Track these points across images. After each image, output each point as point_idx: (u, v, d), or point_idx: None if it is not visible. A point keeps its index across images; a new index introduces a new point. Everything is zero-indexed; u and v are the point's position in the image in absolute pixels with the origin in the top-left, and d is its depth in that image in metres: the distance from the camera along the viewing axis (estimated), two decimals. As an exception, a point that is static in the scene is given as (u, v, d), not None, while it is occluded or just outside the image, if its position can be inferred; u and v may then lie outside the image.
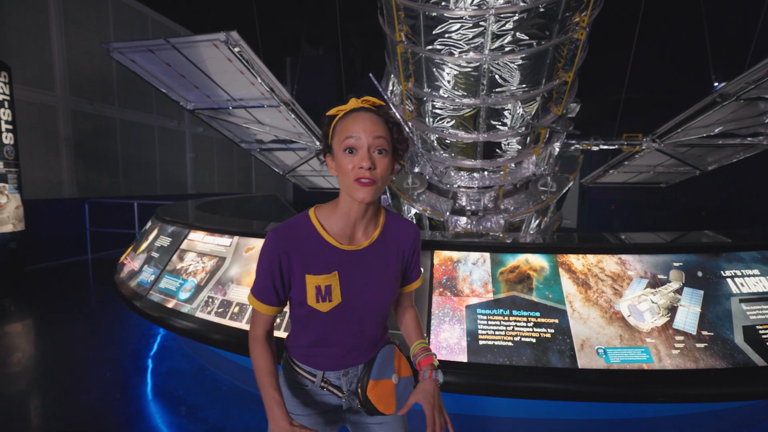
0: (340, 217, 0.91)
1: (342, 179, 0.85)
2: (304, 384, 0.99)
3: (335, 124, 0.88)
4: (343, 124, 0.85)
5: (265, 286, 0.92)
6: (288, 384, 1.01)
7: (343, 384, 0.98)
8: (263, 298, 0.93)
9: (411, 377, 1.04)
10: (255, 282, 0.94)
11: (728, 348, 1.58)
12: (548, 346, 1.63)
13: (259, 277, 0.93)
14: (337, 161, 0.85)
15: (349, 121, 0.85)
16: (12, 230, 4.98)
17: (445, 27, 2.75)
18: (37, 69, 6.35)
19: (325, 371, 0.97)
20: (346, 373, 0.98)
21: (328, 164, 0.92)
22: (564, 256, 1.87)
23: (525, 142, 3.71)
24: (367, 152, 0.82)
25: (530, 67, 2.96)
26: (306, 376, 0.98)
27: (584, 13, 2.79)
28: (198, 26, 9.15)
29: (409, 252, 1.00)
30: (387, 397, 0.95)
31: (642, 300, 1.71)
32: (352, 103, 0.88)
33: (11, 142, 4.99)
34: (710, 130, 4.58)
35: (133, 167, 8.35)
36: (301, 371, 0.99)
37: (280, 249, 0.89)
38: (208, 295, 2.22)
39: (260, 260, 0.92)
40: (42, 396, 2.54)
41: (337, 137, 0.85)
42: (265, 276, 0.91)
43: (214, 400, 2.42)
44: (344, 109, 0.88)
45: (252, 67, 3.72)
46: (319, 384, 0.97)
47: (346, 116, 0.86)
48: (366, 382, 0.94)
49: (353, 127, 0.83)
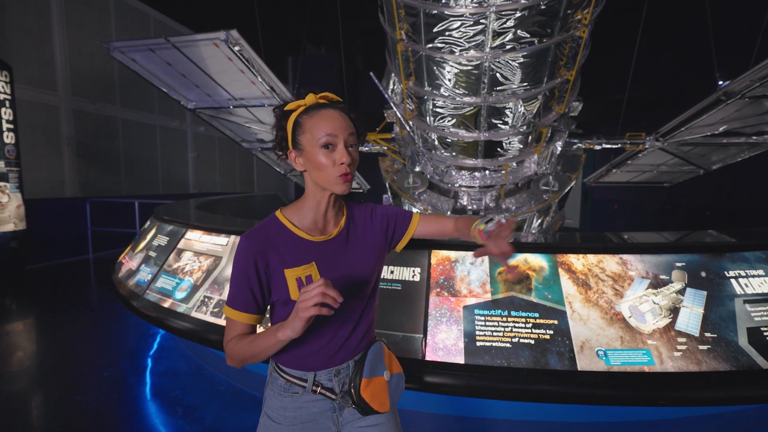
0: (309, 211, 0.95)
1: (318, 174, 0.88)
2: (294, 392, 0.95)
3: (297, 119, 0.89)
4: (313, 121, 0.87)
5: (241, 292, 0.89)
6: (277, 395, 0.96)
7: (336, 385, 0.95)
8: (240, 306, 0.89)
9: (402, 374, 1.04)
10: (229, 292, 0.90)
11: (732, 350, 1.54)
12: (547, 347, 1.60)
13: (233, 286, 0.89)
14: (312, 157, 0.87)
15: (322, 119, 0.87)
16: (13, 229, 5.00)
17: (445, 25, 2.73)
18: (39, 69, 6.37)
19: (317, 372, 0.94)
20: (337, 373, 0.95)
21: (291, 159, 0.92)
22: (564, 256, 1.84)
23: (527, 141, 3.68)
24: (344, 149, 0.87)
25: (532, 65, 2.93)
26: (296, 382, 0.94)
27: (586, 11, 2.75)
28: (200, 26, 9.14)
29: (381, 221, 1.05)
30: (381, 395, 0.95)
31: (643, 301, 1.68)
32: (311, 98, 0.90)
33: (12, 141, 5.01)
34: (714, 129, 4.53)
35: (135, 167, 8.37)
36: (291, 377, 0.95)
37: (255, 250, 0.88)
38: (204, 295, 2.20)
39: (234, 268, 0.90)
40: (40, 395, 2.53)
41: (308, 134, 0.87)
42: (240, 281, 0.89)
43: (211, 401, 2.41)
44: (303, 104, 0.90)
45: (252, 66, 3.71)
46: (310, 388, 0.94)
47: (312, 112, 0.88)
48: (359, 381, 0.93)
49: (329, 124, 0.86)
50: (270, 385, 0.99)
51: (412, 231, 1.10)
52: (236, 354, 0.87)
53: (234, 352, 0.88)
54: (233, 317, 0.89)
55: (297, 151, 0.90)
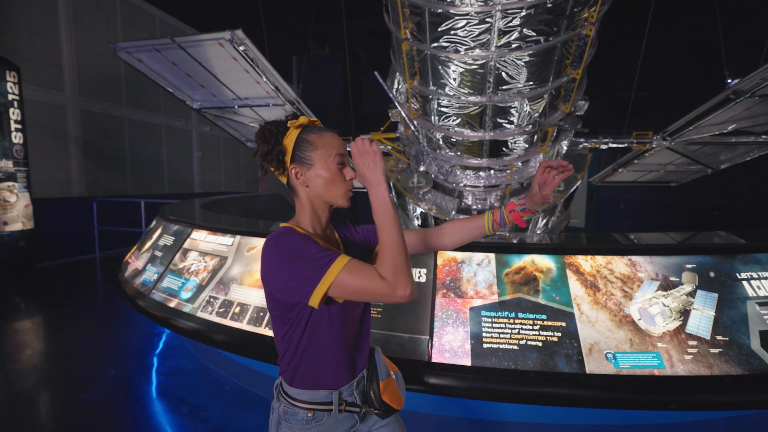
0: (311, 226, 0.96)
1: (329, 188, 0.92)
2: (319, 420, 0.91)
3: (303, 136, 0.92)
4: (326, 140, 0.93)
5: (323, 251, 0.80)
6: (298, 431, 0.91)
7: (357, 397, 0.96)
8: (336, 255, 0.79)
9: (399, 371, 1.08)
10: (306, 268, 0.78)
11: (744, 353, 1.52)
12: (555, 350, 1.59)
13: (304, 259, 0.79)
14: (328, 173, 0.91)
15: (333, 138, 0.94)
16: (21, 228, 5.05)
17: (450, 24, 2.70)
18: (46, 69, 6.42)
19: (341, 390, 0.93)
20: (357, 385, 0.97)
21: (294, 176, 0.92)
22: (572, 257, 1.82)
23: (532, 140, 3.65)
24: (350, 167, 0.95)
25: (537, 64, 2.90)
26: (321, 408, 0.91)
27: (593, 9, 2.72)
28: (206, 26, 9.19)
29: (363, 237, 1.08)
30: (396, 394, 0.98)
31: (653, 303, 1.66)
32: (304, 119, 0.95)
33: (20, 141, 5.05)
34: (723, 128, 4.47)
35: (141, 166, 8.42)
36: (314, 405, 0.91)
37: (300, 236, 0.85)
38: (209, 295, 2.20)
39: (292, 254, 0.80)
40: (47, 393, 2.55)
41: (322, 150, 0.91)
42: (311, 247, 0.81)
43: (216, 401, 2.41)
44: (300, 123, 0.94)
45: (257, 66, 3.71)
46: (337, 409, 0.91)
47: (318, 132, 0.94)
48: (376, 386, 0.96)
49: (340, 144, 0.94)
50: (286, 423, 0.92)
51: None
52: (393, 258, 0.77)
53: (389, 260, 0.77)
54: (342, 264, 0.78)
55: (301, 166, 0.91)
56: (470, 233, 1.08)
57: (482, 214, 1.06)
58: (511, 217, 1.03)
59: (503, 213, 1.04)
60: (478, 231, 1.06)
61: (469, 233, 1.08)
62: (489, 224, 1.04)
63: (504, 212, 1.04)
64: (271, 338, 1.83)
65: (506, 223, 1.03)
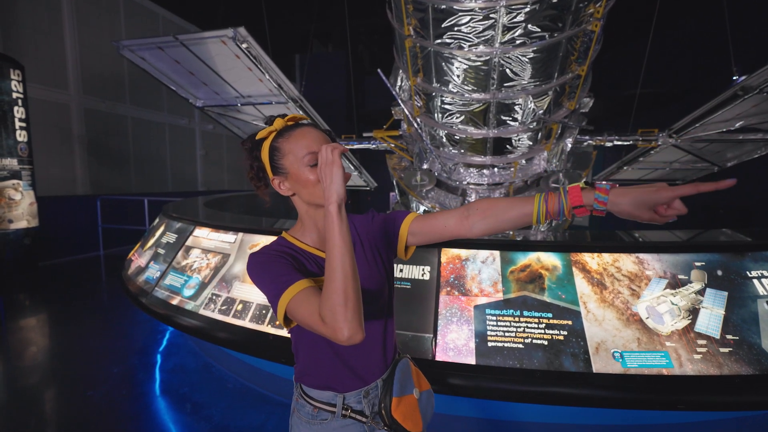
0: (311, 230, 0.92)
1: (310, 192, 0.85)
2: (323, 418, 0.90)
3: (273, 144, 0.86)
4: (292, 142, 0.84)
5: (281, 272, 0.77)
6: (305, 424, 0.91)
7: (365, 407, 0.90)
8: (291, 280, 0.75)
9: (431, 390, 0.99)
10: (271, 290, 0.77)
11: (755, 353, 1.49)
12: (561, 348, 1.57)
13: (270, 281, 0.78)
14: (301, 177, 0.84)
15: (299, 137, 0.84)
16: (26, 226, 5.07)
17: (454, 20, 2.68)
18: (50, 68, 6.44)
19: (345, 395, 0.90)
20: (366, 394, 0.91)
21: (276, 186, 0.89)
22: (578, 255, 1.79)
23: (536, 137, 3.62)
24: None
25: (542, 60, 2.87)
26: (325, 408, 0.89)
27: (599, 4, 2.68)
28: (208, 24, 9.18)
29: (380, 226, 0.97)
30: (412, 414, 0.90)
31: (661, 301, 1.63)
32: (279, 122, 0.88)
33: (25, 139, 5.07)
34: (730, 125, 4.41)
35: (145, 164, 8.45)
36: (319, 403, 0.90)
37: (274, 251, 0.85)
38: (212, 293, 2.20)
39: (259, 271, 0.80)
40: (51, 390, 2.56)
41: (290, 155, 0.84)
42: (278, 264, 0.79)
43: (219, 398, 2.40)
44: (274, 129, 0.87)
45: (260, 64, 3.70)
46: (340, 412, 0.89)
47: (287, 134, 0.85)
48: (389, 400, 0.88)
49: (307, 141, 0.83)
50: (296, 413, 0.93)
51: (405, 230, 0.96)
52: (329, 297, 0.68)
53: (326, 299, 0.68)
54: (294, 292, 0.73)
55: (280, 176, 0.87)
56: (509, 221, 0.81)
57: (530, 198, 0.78)
58: (575, 212, 0.73)
59: (563, 202, 0.74)
60: (521, 220, 0.80)
61: (506, 220, 0.81)
62: (540, 213, 0.76)
63: (564, 201, 0.74)
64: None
65: (565, 217, 0.75)
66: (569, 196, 0.74)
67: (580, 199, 0.73)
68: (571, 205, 0.73)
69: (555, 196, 0.76)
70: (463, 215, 0.87)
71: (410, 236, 0.95)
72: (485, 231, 0.84)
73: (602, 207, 0.71)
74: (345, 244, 0.69)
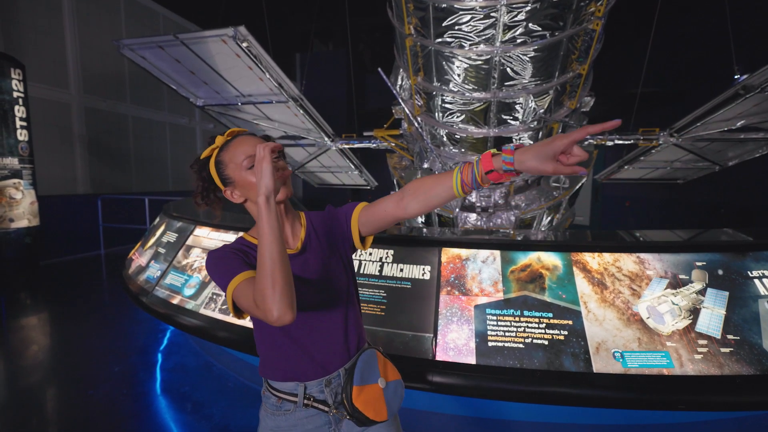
0: None
1: (255, 192, 0.85)
2: (286, 409, 0.93)
3: (217, 159, 0.91)
4: (231, 151, 0.90)
5: (232, 263, 0.83)
6: (270, 415, 0.94)
7: (328, 396, 0.93)
8: (236, 271, 0.81)
9: (400, 380, 1.02)
10: (222, 279, 0.82)
11: (756, 353, 1.49)
12: (561, 348, 1.56)
13: (221, 272, 0.83)
14: (245, 181, 0.88)
15: (237, 145, 0.90)
16: (27, 225, 5.08)
17: (455, 19, 2.67)
18: (51, 67, 6.45)
19: (307, 384, 0.92)
20: (328, 383, 0.93)
21: (229, 197, 0.93)
22: (578, 255, 1.79)
23: (537, 137, 3.61)
24: None
25: (543, 59, 2.86)
26: (288, 398, 0.92)
27: (600, 3, 2.67)
28: (209, 23, 9.16)
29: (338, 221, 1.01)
30: (376, 403, 0.92)
31: (662, 301, 1.63)
32: (220, 139, 0.93)
33: (26, 138, 5.08)
34: (732, 124, 4.40)
35: (145, 164, 8.45)
36: (282, 394, 0.93)
37: (230, 249, 0.88)
38: (212, 292, 2.20)
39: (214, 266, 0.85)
40: (52, 389, 2.56)
41: (231, 164, 0.89)
42: (226, 260, 0.84)
43: (220, 397, 2.41)
44: (216, 146, 0.93)
45: (260, 63, 3.69)
46: (302, 402, 0.91)
47: (225, 147, 0.91)
48: (350, 389, 0.91)
49: (244, 147, 0.89)
50: (263, 406, 0.97)
51: (355, 222, 0.98)
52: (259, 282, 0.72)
53: (257, 284, 0.73)
54: (238, 281, 0.79)
55: (230, 186, 0.92)
56: (437, 196, 0.85)
57: (451, 171, 0.83)
58: (488, 177, 0.77)
59: (474, 171, 0.78)
60: (446, 193, 0.83)
61: (433, 196, 0.85)
62: (458, 185, 0.80)
63: (476, 170, 0.77)
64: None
65: (479, 184, 0.78)
66: (480, 163, 0.77)
67: (491, 163, 0.76)
68: (483, 170, 0.77)
69: (469, 166, 0.80)
70: (398, 198, 0.90)
71: (361, 226, 0.99)
72: (419, 210, 0.88)
73: (510, 167, 0.74)
74: (273, 232, 0.73)
